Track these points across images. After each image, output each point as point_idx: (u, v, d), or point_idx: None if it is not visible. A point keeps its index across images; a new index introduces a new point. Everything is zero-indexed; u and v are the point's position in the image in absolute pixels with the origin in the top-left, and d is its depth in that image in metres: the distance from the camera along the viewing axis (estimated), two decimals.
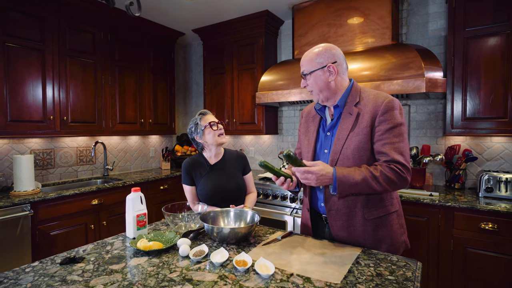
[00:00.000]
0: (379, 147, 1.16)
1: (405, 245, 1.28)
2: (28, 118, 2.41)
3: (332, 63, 1.22)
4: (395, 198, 1.28)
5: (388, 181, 1.12)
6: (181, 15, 3.22)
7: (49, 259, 1.11)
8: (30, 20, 2.40)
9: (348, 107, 1.24)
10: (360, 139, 1.18)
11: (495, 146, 2.33)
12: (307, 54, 1.27)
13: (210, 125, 1.67)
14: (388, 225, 1.23)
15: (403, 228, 1.29)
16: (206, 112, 1.76)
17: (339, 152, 1.21)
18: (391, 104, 1.17)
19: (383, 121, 1.16)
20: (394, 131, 1.15)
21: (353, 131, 1.20)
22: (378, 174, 1.11)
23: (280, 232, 1.39)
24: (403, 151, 1.15)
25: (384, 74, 2.24)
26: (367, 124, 1.18)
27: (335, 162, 1.22)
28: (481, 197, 2.09)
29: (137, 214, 1.33)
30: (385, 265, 1.07)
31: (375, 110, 1.18)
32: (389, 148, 1.14)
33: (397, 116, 1.16)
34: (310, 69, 1.24)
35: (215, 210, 1.45)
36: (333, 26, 2.73)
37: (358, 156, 1.18)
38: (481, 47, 2.11)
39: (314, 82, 1.25)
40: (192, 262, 1.09)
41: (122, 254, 1.16)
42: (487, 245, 1.88)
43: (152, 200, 3.11)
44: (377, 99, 1.19)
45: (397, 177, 1.12)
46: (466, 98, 2.17)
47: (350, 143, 1.19)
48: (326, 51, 1.24)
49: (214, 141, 1.69)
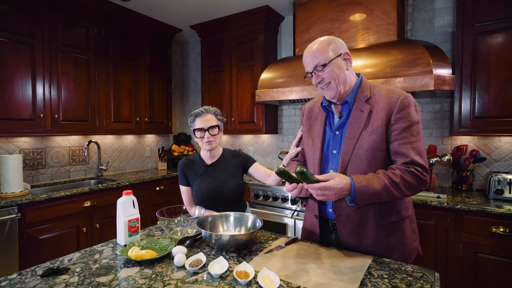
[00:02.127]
0: (396, 147, 1.07)
1: (417, 251, 1.19)
2: (16, 116, 2.29)
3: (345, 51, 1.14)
4: (408, 202, 1.18)
5: (408, 186, 1.03)
6: (179, 10, 3.11)
7: (30, 270, 1.00)
8: (18, 13, 2.29)
9: (359, 104, 1.14)
10: (375, 138, 1.08)
11: (504, 146, 2.24)
12: (314, 46, 1.15)
13: (194, 132, 1.58)
14: (401, 231, 1.13)
15: (415, 233, 1.19)
16: (200, 113, 1.57)
17: (351, 153, 1.11)
18: (407, 100, 1.07)
19: (399, 119, 1.06)
20: (412, 130, 1.06)
21: (366, 129, 1.10)
22: (399, 180, 1.02)
23: (284, 239, 1.29)
24: (421, 151, 1.06)
25: (389, 71, 2.15)
26: (381, 122, 1.08)
27: (346, 163, 1.12)
28: (491, 200, 2.01)
29: (129, 219, 1.22)
30: (400, 276, 0.97)
31: (390, 107, 1.08)
32: (407, 148, 1.05)
33: (414, 114, 1.07)
34: (327, 57, 1.11)
35: (213, 214, 1.35)
36: (336, 21, 2.64)
37: (372, 157, 1.09)
38: (491, 43, 2.02)
39: (333, 72, 1.12)
40: (188, 273, 0.99)
41: (111, 264, 1.05)
42: (499, 250, 1.79)
43: (148, 202, 3.01)
44: (391, 96, 1.10)
45: (417, 180, 1.03)
46: (475, 96, 2.08)
47: (363, 142, 1.09)
48: (334, 40, 1.14)
49: (201, 145, 1.61)
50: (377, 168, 1.09)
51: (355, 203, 1.02)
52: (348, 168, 1.11)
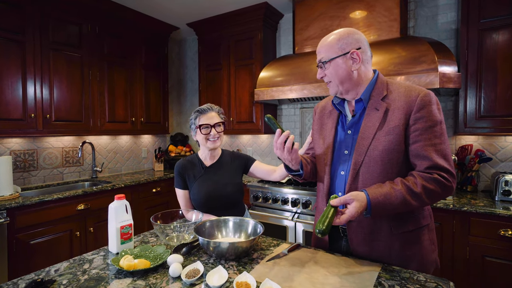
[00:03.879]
0: (418, 149, 0.98)
1: (435, 264, 1.10)
2: (6, 116, 2.20)
3: (356, 49, 1.05)
4: (427, 209, 1.10)
5: (431, 195, 0.95)
6: (176, 7, 3.03)
7: (12, 283, 0.92)
8: (8, 8, 2.20)
9: (374, 102, 1.06)
10: (391, 139, 1.00)
11: (510, 146, 2.19)
12: (325, 39, 1.10)
13: (200, 128, 1.50)
14: (419, 241, 1.05)
15: (434, 244, 1.11)
16: (206, 110, 1.52)
17: (364, 154, 1.03)
18: (428, 98, 0.99)
19: (420, 118, 0.98)
20: (435, 131, 0.97)
21: (382, 129, 1.02)
22: (419, 190, 0.94)
23: (286, 245, 1.22)
24: (447, 153, 0.97)
25: (393, 69, 2.08)
26: (399, 122, 1.00)
27: (359, 165, 1.04)
28: (498, 201, 1.95)
29: (121, 226, 1.14)
30: (413, 286, 0.91)
31: (409, 105, 1.00)
32: (431, 151, 0.96)
33: (436, 113, 0.99)
34: (329, 55, 1.07)
35: (211, 219, 1.28)
36: (336, 18, 2.57)
37: (388, 159, 1.01)
38: (497, 40, 1.96)
39: (333, 71, 1.07)
40: (184, 284, 0.92)
41: (101, 275, 0.98)
42: (507, 254, 1.73)
43: (144, 204, 2.92)
44: (409, 93, 1.02)
45: (442, 187, 0.95)
46: (481, 94, 2.03)
47: (378, 143, 1.02)
48: (348, 35, 1.06)
49: (204, 143, 1.53)
50: (392, 172, 1.02)
51: (370, 215, 0.97)
52: (361, 170, 1.04)
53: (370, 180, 1.03)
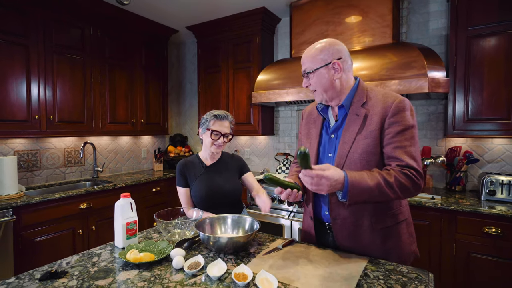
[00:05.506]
0: (389, 151, 1.08)
1: (414, 255, 1.20)
2: (11, 118, 2.27)
3: (336, 59, 1.13)
4: (404, 205, 1.20)
5: (402, 187, 1.03)
6: (175, 11, 3.11)
7: (28, 274, 1.00)
8: (12, 13, 2.26)
9: (355, 108, 1.15)
10: (369, 142, 1.10)
11: (497, 148, 2.28)
12: (309, 51, 1.18)
13: (211, 133, 1.58)
14: (397, 235, 1.15)
15: (412, 237, 1.21)
16: (222, 117, 1.59)
17: (345, 157, 1.12)
18: (402, 104, 1.08)
19: (393, 123, 1.07)
20: (406, 134, 1.06)
21: (361, 133, 1.11)
22: (392, 180, 1.02)
23: (281, 240, 1.31)
24: (415, 155, 1.06)
25: (385, 74, 2.17)
26: (376, 126, 1.09)
27: (341, 166, 1.13)
28: (483, 200, 2.04)
29: (127, 222, 1.22)
30: (395, 277, 0.99)
31: (385, 111, 1.09)
32: (400, 152, 1.05)
33: (409, 118, 1.08)
34: (313, 66, 1.15)
35: (211, 216, 1.36)
36: (332, 24, 2.66)
37: (366, 161, 1.10)
38: (484, 47, 2.06)
39: (317, 81, 1.16)
40: (187, 275, 1.00)
41: (110, 267, 1.06)
42: (491, 250, 1.83)
43: (144, 203, 3.00)
44: (386, 99, 1.11)
45: (411, 183, 1.03)
46: (468, 98, 2.12)
47: (358, 146, 1.11)
48: (330, 47, 1.14)
49: (208, 145, 1.61)
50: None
51: (347, 198, 1.00)
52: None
53: None
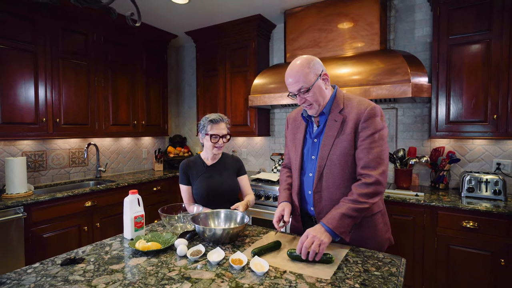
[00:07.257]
0: (359, 151, 1.23)
1: (389, 241, 1.36)
2: (20, 120, 2.40)
3: (321, 70, 1.26)
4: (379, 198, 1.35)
5: (368, 196, 1.17)
6: (174, 17, 3.24)
7: (50, 260, 1.14)
8: (20, 21, 2.40)
9: (333, 114, 1.28)
10: (345, 145, 1.24)
11: (477, 148, 2.44)
12: (297, 71, 1.22)
13: (211, 137, 1.71)
14: (373, 224, 1.30)
15: (387, 225, 1.36)
16: (217, 120, 1.70)
17: (326, 158, 1.27)
18: (373, 111, 1.22)
19: (365, 127, 1.22)
20: (374, 137, 1.21)
21: (339, 137, 1.25)
22: (355, 196, 1.17)
23: (273, 232, 1.45)
24: (380, 156, 1.20)
25: (373, 79, 2.32)
26: (351, 130, 1.23)
27: (322, 167, 1.28)
28: (463, 197, 2.20)
29: (135, 216, 1.36)
30: (372, 261, 1.14)
31: (358, 116, 1.23)
32: (366, 153, 1.20)
33: (379, 123, 1.22)
34: (310, 81, 1.21)
35: (205, 211, 1.50)
36: (324, 31, 2.81)
37: (344, 161, 1.25)
38: (463, 54, 2.21)
39: (317, 93, 1.24)
40: (189, 261, 1.14)
41: (121, 255, 1.20)
42: (468, 242, 1.98)
43: (145, 202, 3.12)
44: (360, 106, 1.24)
45: (373, 187, 1.18)
46: (450, 102, 2.28)
47: (336, 149, 1.25)
48: (313, 61, 1.25)
49: (210, 148, 1.74)
50: (348, 171, 1.26)
51: (336, 234, 1.16)
52: (324, 171, 1.28)
53: (332, 179, 1.27)
